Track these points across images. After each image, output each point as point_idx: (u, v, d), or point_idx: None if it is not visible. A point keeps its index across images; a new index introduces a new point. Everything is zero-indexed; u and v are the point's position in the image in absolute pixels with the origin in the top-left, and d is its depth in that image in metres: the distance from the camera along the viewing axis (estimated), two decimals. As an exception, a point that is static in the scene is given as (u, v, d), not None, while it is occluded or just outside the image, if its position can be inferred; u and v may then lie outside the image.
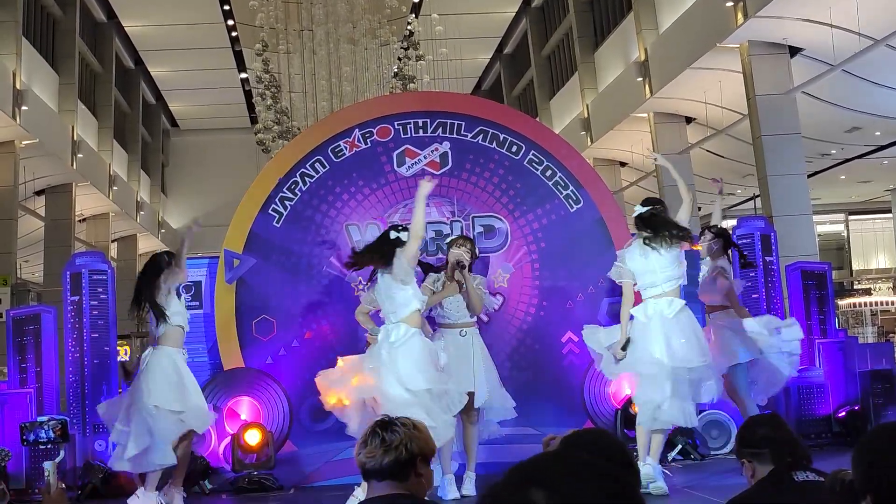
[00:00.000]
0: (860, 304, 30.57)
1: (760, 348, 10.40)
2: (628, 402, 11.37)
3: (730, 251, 10.85)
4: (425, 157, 12.03)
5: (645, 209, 9.63)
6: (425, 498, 3.69)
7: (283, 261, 11.81)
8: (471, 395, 9.71)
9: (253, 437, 11.06)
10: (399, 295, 9.23)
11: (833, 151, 27.12)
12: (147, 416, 9.35)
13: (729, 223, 13.71)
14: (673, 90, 23.31)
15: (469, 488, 9.81)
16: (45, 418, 10.54)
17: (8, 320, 12.09)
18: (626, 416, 11.38)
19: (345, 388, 9.21)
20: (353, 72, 24.47)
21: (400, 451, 3.56)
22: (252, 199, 11.96)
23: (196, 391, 9.83)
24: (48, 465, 9.36)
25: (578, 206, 11.98)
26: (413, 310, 9.23)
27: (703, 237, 10.87)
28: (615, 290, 11.84)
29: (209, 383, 11.58)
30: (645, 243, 9.53)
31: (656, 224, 9.53)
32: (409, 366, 9.00)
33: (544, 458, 2.10)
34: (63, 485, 8.83)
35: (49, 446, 10.58)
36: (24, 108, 23.19)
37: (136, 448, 9.32)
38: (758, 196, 23.45)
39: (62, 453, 10.51)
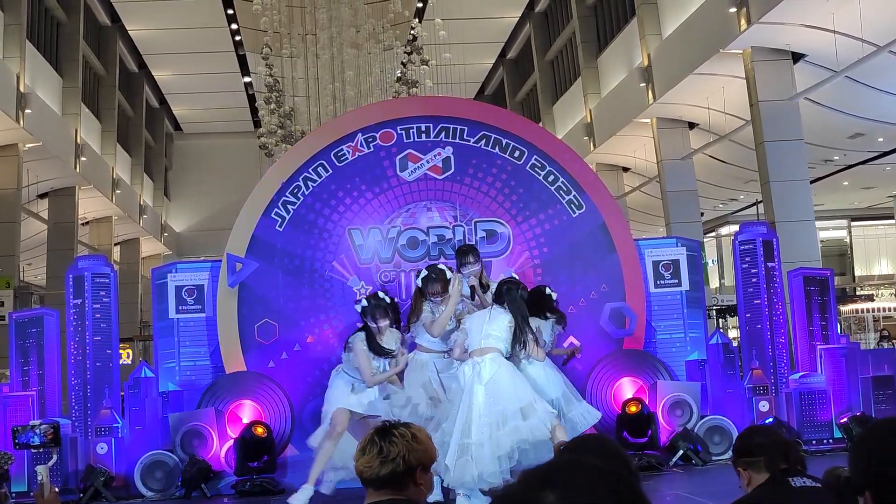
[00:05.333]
0: (862, 311, 30.56)
1: None
2: (625, 405, 11.40)
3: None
4: (428, 162, 12.05)
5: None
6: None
7: (285, 265, 11.83)
8: None
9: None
10: None
11: (836, 157, 27.12)
12: None
13: (731, 229, 13.74)
14: (676, 96, 23.32)
15: None
16: (36, 422, 10.55)
17: (11, 323, 12.10)
18: (627, 419, 11.40)
19: None
20: (356, 76, 24.48)
21: (397, 463, 3.52)
22: (255, 203, 11.98)
23: None
24: (40, 469, 9.37)
25: (581, 211, 12.00)
26: None
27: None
28: (616, 295, 11.88)
29: (211, 387, 11.60)
30: None
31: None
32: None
33: (557, 462, 2.13)
34: (56, 489, 8.84)
35: (41, 450, 10.59)
36: (27, 111, 23.22)
37: None
38: (760, 202, 23.48)
39: (55, 457, 10.51)
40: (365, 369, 9.68)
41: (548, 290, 10.40)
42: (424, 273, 10.11)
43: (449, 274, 10.03)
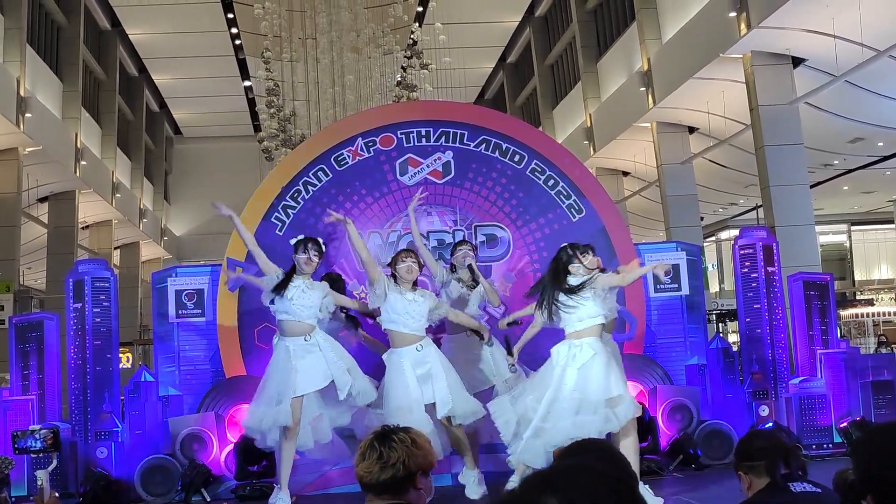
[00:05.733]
0: (862, 315, 30.55)
1: None
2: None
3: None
4: (428, 167, 12.05)
5: None
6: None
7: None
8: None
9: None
10: None
11: (836, 162, 27.14)
12: None
13: (731, 233, 13.74)
14: (676, 100, 23.34)
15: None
16: (36, 427, 10.55)
17: (11, 327, 12.10)
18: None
19: None
20: (357, 80, 24.50)
21: (397, 469, 3.52)
22: (255, 208, 11.98)
23: None
24: (40, 474, 9.37)
25: (581, 215, 12.00)
26: None
27: None
28: (616, 300, 11.86)
29: (211, 391, 11.60)
30: None
31: None
32: None
33: (558, 466, 2.15)
34: (56, 494, 8.82)
35: (41, 455, 10.59)
36: (27, 115, 23.24)
37: None
38: (760, 206, 23.49)
39: (55, 462, 10.52)
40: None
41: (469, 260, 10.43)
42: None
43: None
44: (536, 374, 9.47)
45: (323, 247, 9.86)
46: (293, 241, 9.79)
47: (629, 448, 8.76)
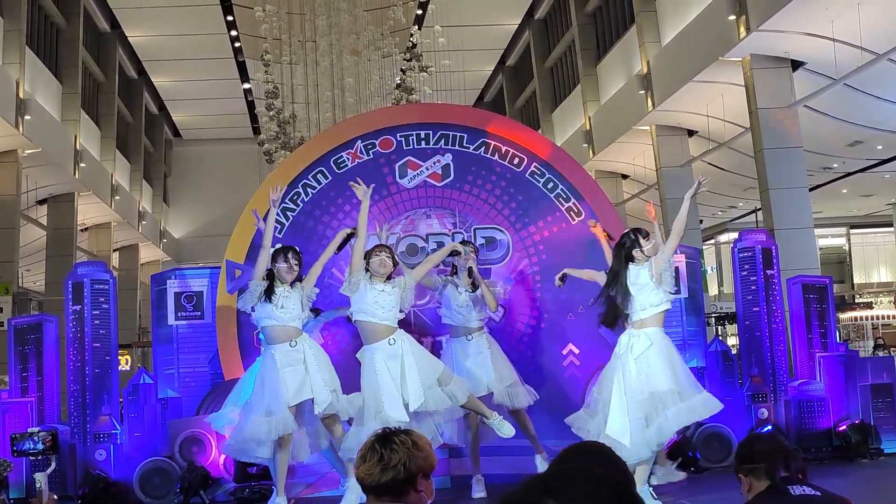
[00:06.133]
0: (861, 318, 30.55)
1: None
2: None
3: None
4: (427, 169, 12.05)
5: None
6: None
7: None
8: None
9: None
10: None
11: (835, 165, 27.15)
12: None
13: (731, 236, 13.74)
14: (675, 103, 23.35)
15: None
16: (35, 429, 10.57)
17: (10, 329, 12.10)
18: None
19: None
20: (356, 83, 24.51)
21: (398, 471, 3.52)
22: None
23: None
24: (39, 476, 9.37)
25: (580, 218, 12.00)
26: None
27: None
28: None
29: (210, 393, 11.60)
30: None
31: None
32: None
33: (558, 469, 2.16)
34: (56, 496, 8.83)
35: (40, 457, 10.59)
36: (27, 117, 23.24)
37: None
38: (759, 209, 23.50)
39: (53, 464, 10.53)
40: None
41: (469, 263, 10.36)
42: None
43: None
44: (603, 374, 9.48)
45: (301, 255, 9.78)
46: (272, 250, 9.74)
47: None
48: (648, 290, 9.05)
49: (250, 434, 9.33)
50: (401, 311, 9.57)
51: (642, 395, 8.84)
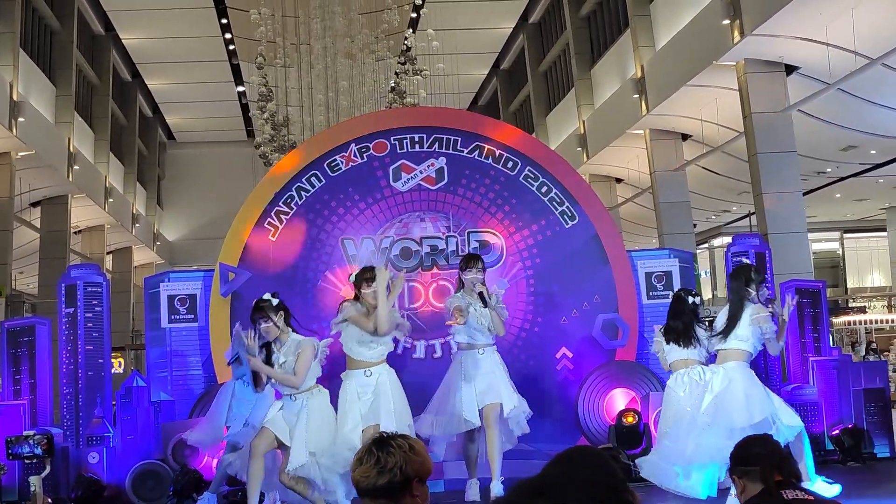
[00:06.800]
0: (855, 323, 30.58)
1: None
2: (620, 417, 11.41)
3: None
4: (421, 173, 12.06)
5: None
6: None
7: (278, 275, 11.82)
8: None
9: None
10: None
11: (828, 169, 27.18)
12: None
13: (724, 241, 13.74)
14: (669, 107, 23.36)
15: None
16: (30, 432, 10.54)
17: (2, 332, 12.07)
18: (620, 431, 11.40)
19: None
20: (350, 86, 24.49)
21: (395, 474, 3.53)
22: (248, 213, 11.97)
23: None
24: (34, 480, 9.34)
25: (574, 222, 12.01)
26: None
27: None
28: (609, 307, 11.88)
29: (203, 396, 11.58)
30: None
31: None
32: None
33: (549, 474, 2.16)
34: (49, 500, 8.80)
35: (35, 461, 10.57)
36: (20, 119, 23.20)
37: None
38: (753, 214, 23.51)
39: (48, 467, 10.50)
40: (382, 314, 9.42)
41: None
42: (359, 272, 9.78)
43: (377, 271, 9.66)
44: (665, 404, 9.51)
45: (270, 306, 9.30)
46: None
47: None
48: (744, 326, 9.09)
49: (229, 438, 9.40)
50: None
51: (724, 431, 8.83)
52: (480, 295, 9.99)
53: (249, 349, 9.15)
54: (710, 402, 8.92)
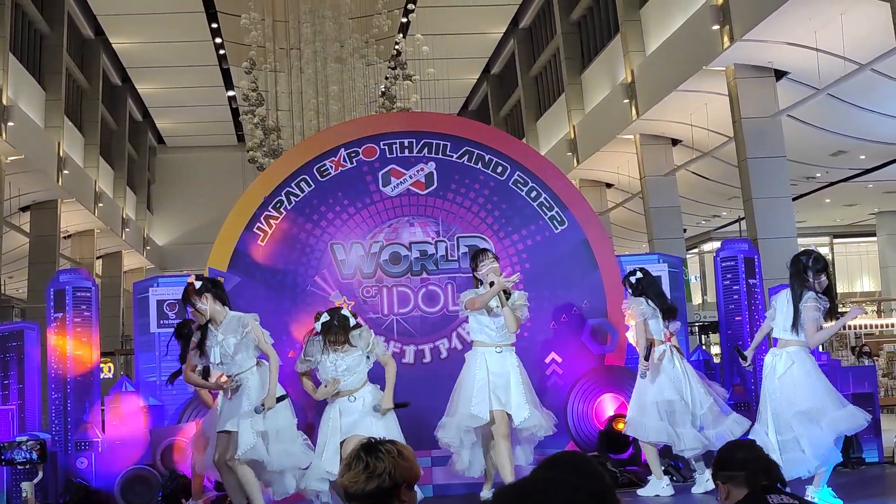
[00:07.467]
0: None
1: None
2: (610, 422, 11.42)
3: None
4: (411, 178, 12.05)
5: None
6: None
7: (267, 279, 11.80)
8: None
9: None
10: None
11: (818, 175, 27.24)
12: None
13: (714, 245, 13.75)
14: (659, 112, 23.40)
15: None
16: (23, 438, 10.50)
17: (-9, 337, 12.04)
18: (609, 437, 11.41)
19: None
20: (340, 91, 24.48)
21: (383, 479, 3.54)
22: (237, 218, 11.95)
23: None
24: (26, 486, 9.30)
25: (563, 227, 12.01)
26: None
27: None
28: (598, 312, 11.89)
29: (192, 401, 11.56)
30: None
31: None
32: None
33: (533, 480, 2.16)
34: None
35: (28, 466, 10.54)
36: (9, 123, 23.16)
37: None
38: (742, 218, 23.54)
39: (41, 473, 10.47)
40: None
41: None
42: (326, 318, 9.46)
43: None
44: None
45: (194, 289, 9.36)
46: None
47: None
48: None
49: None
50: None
51: (788, 414, 9.05)
52: (504, 291, 9.98)
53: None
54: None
